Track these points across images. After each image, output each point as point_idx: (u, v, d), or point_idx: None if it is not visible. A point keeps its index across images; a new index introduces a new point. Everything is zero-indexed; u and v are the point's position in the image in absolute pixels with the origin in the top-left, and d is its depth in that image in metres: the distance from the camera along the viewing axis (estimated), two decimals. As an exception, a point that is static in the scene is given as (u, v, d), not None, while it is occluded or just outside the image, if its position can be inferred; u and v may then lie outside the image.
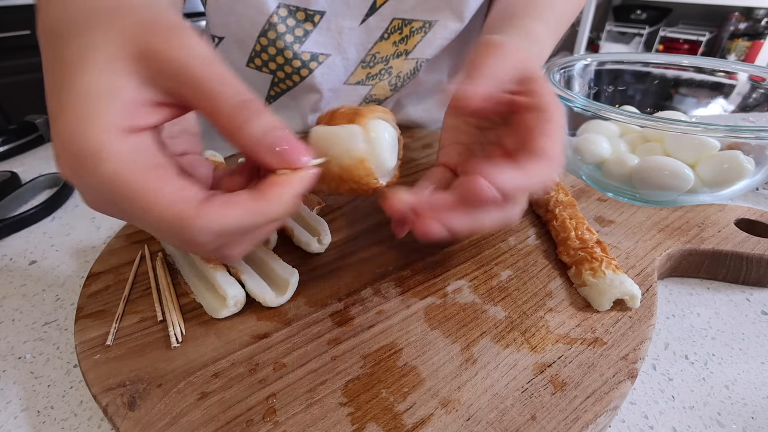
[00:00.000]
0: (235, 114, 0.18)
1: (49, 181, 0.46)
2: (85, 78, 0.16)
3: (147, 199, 0.17)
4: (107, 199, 0.18)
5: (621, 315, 0.25)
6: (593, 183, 0.41)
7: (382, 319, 0.26)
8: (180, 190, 0.18)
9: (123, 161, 0.16)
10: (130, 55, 0.17)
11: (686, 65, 0.46)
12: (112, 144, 0.16)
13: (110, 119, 0.16)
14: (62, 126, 0.16)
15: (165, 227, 0.18)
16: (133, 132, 0.17)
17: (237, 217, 0.18)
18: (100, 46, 0.17)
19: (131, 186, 0.17)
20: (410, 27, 0.46)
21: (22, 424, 0.24)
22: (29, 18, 0.46)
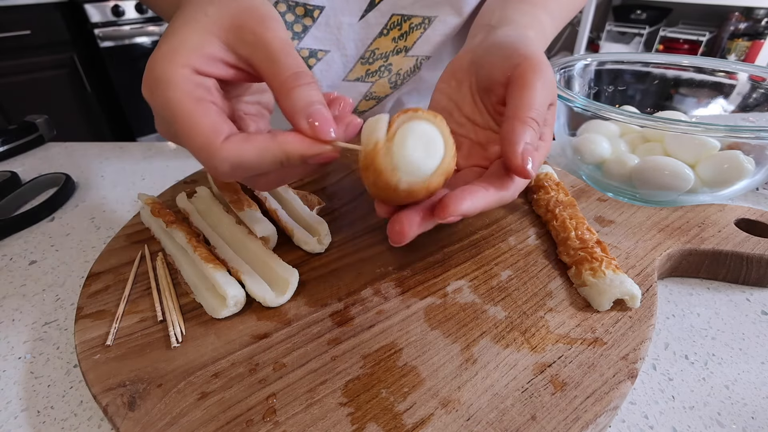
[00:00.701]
0: (290, 81, 0.22)
1: (49, 181, 0.47)
2: (186, 31, 0.22)
3: (188, 123, 0.21)
4: (165, 119, 0.22)
5: (621, 315, 0.25)
6: (593, 183, 0.41)
7: (382, 319, 0.26)
8: (215, 123, 0.21)
9: (182, 90, 0.21)
10: (227, 26, 0.23)
11: (686, 65, 0.46)
12: (179, 75, 0.21)
13: (186, 60, 0.22)
14: (154, 57, 0.22)
15: (197, 151, 0.21)
16: (200, 74, 0.22)
17: (249, 151, 0.21)
18: (209, 14, 0.23)
19: (181, 110, 0.21)
20: (409, 23, 0.46)
21: (22, 424, 0.24)
22: (29, 18, 0.46)
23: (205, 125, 0.21)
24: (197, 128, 0.21)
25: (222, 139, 0.21)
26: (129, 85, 2.08)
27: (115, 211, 0.42)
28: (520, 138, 0.24)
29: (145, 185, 0.47)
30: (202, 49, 0.22)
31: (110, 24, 1.95)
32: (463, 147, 0.31)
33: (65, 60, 1.90)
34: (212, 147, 0.21)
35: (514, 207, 0.36)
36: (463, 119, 0.31)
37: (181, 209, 0.35)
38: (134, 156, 0.54)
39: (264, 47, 0.22)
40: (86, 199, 0.45)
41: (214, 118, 0.21)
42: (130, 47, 2.02)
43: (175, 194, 0.37)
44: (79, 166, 0.51)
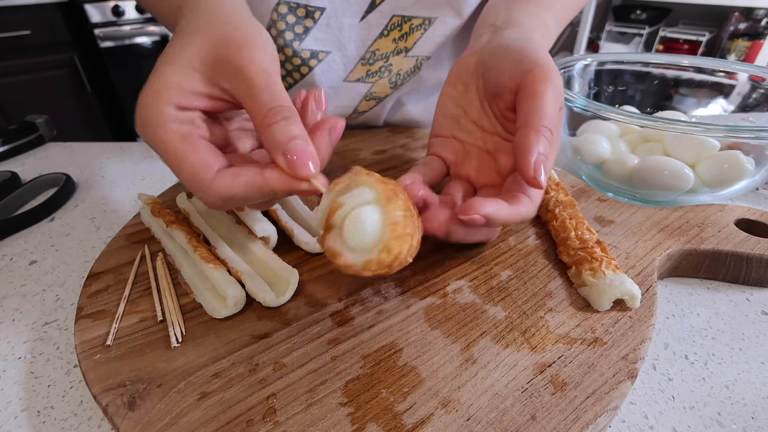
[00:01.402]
0: (268, 117, 0.22)
1: (49, 181, 0.47)
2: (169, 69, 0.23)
3: (178, 161, 0.22)
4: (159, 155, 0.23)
5: (621, 315, 0.25)
6: (593, 183, 0.41)
7: (382, 319, 0.26)
8: (204, 160, 0.23)
9: (168, 129, 0.22)
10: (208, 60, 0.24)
11: (686, 65, 0.46)
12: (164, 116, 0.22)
13: (168, 99, 0.23)
14: (141, 98, 0.23)
15: (190, 186, 0.23)
16: (184, 108, 0.23)
17: (239, 188, 0.23)
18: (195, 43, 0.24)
19: (170, 149, 0.22)
20: (410, 24, 0.46)
21: (22, 424, 0.24)
22: (29, 18, 0.46)
23: (194, 162, 0.22)
24: (187, 166, 0.22)
25: (212, 174, 0.22)
26: (129, 85, 2.08)
27: (115, 211, 0.42)
28: (534, 148, 0.24)
29: (145, 185, 0.47)
30: (183, 86, 0.23)
31: (110, 24, 1.95)
32: (473, 157, 0.31)
33: (65, 60, 1.91)
34: (203, 183, 0.22)
35: (514, 207, 0.36)
36: (471, 125, 0.31)
37: (181, 209, 0.35)
38: (134, 156, 0.54)
39: (243, 81, 0.23)
40: (86, 199, 0.45)
41: (202, 155, 0.23)
42: (130, 47, 2.02)
43: (175, 194, 0.37)
44: (79, 166, 0.51)
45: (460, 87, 0.32)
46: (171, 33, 0.33)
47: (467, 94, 0.32)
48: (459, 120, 0.32)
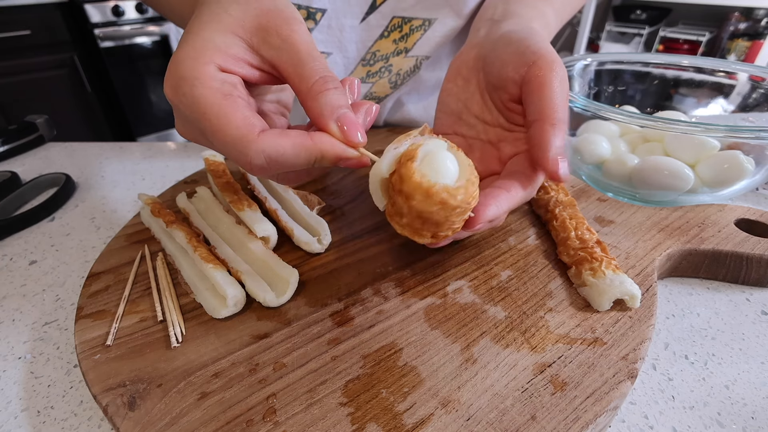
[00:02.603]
0: (317, 85, 0.22)
1: (49, 181, 0.47)
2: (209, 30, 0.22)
3: (219, 117, 0.21)
4: (191, 118, 0.22)
5: (621, 315, 0.25)
6: (593, 183, 0.41)
7: (382, 319, 0.26)
8: (247, 118, 0.21)
9: (209, 86, 0.21)
10: (251, 27, 0.23)
11: (686, 65, 0.46)
12: (205, 73, 0.21)
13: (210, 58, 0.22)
14: (177, 56, 0.22)
15: (230, 146, 0.21)
16: (225, 71, 0.22)
17: (286, 146, 0.21)
18: (232, 13, 0.23)
19: (210, 105, 0.21)
20: (410, 25, 0.46)
21: (22, 424, 0.24)
22: (29, 18, 0.46)
23: (237, 119, 0.21)
24: (229, 122, 0.21)
25: (256, 132, 0.21)
26: (129, 85, 2.08)
27: (115, 211, 0.42)
28: (552, 143, 0.24)
29: (145, 185, 0.47)
30: (226, 48, 0.22)
31: (110, 24, 1.95)
32: (476, 149, 0.31)
33: (65, 60, 1.90)
34: (246, 139, 0.21)
35: (514, 207, 0.36)
36: (473, 119, 0.31)
37: (181, 209, 0.35)
38: (134, 156, 0.54)
39: (289, 50, 0.22)
40: (86, 199, 0.45)
41: (245, 112, 0.21)
42: (130, 47, 2.02)
43: (175, 194, 0.37)
44: (79, 166, 0.51)
45: (460, 81, 0.32)
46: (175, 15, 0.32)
47: (468, 88, 0.31)
48: (461, 115, 0.32)
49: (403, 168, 0.22)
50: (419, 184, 0.21)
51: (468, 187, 0.22)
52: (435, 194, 0.21)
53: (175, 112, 0.23)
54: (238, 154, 0.21)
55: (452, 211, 0.21)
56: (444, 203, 0.21)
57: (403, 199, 0.22)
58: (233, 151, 0.21)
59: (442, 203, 0.21)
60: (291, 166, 0.22)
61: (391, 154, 0.23)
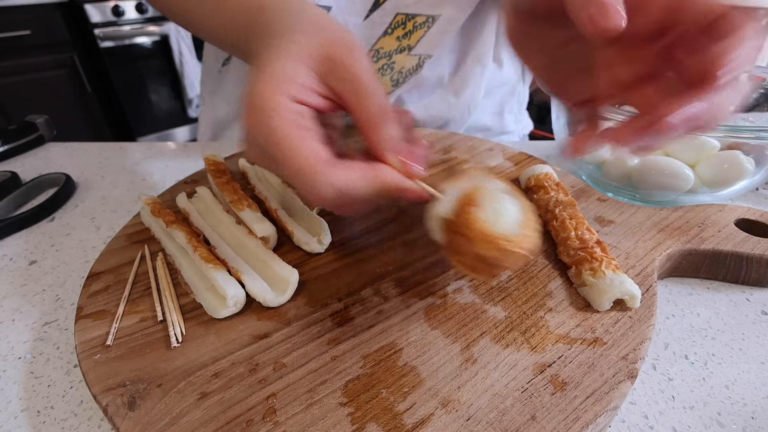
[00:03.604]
0: (379, 115, 0.24)
1: (49, 181, 0.47)
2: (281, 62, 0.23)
3: (292, 147, 0.22)
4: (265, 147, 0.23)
5: (621, 315, 0.25)
6: (593, 183, 0.41)
7: (382, 319, 0.26)
8: (318, 149, 0.22)
9: (285, 118, 0.22)
10: (316, 57, 0.24)
11: (686, 65, 0.46)
12: (282, 104, 0.22)
13: (286, 89, 0.23)
14: (254, 88, 0.23)
15: (300, 176, 0.22)
16: (298, 102, 0.23)
17: (354, 178, 0.22)
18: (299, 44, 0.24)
19: (284, 136, 0.22)
20: (413, 22, 0.46)
21: (22, 424, 0.24)
22: (29, 18, 0.46)
23: (310, 151, 0.22)
24: (302, 154, 0.22)
25: (326, 165, 0.22)
26: (129, 85, 2.08)
27: (115, 211, 0.42)
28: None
29: (145, 185, 0.47)
30: (298, 78, 0.23)
31: (110, 24, 1.95)
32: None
33: (65, 60, 1.90)
34: (316, 171, 0.22)
35: (514, 207, 0.36)
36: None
37: (181, 209, 0.35)
38: (134, 156, 0.54)
39: (352, 81, 0.24)
40: (86, 199, 0.45)
41: (317, 145, 0.23)
42: (130, 47, 2.02)
43: (175, 194, 0.37)
44: (79, 166, 0.51)
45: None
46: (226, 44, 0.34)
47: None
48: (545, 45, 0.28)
49: (464, 213, 0.22)
50: (480, 231, 0.21)
51: (528, 235, 0.22)
52: (495, 241, 0.21)
53: (249, 138, 0.24)
54: (307, 185, 0.22)
55: (511, 255, 0.22)
56: (504, 250, 0.21)
57: (463, 241, 0.22)
58: (303, 182, 0.22)
59: (502, 250, 0.21)
60: (357, 198, 0.23)
61: (452, 194, 0.24)
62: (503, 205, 0.22)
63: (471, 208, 0.22)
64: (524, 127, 0.68)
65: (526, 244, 0.21)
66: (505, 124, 0.64)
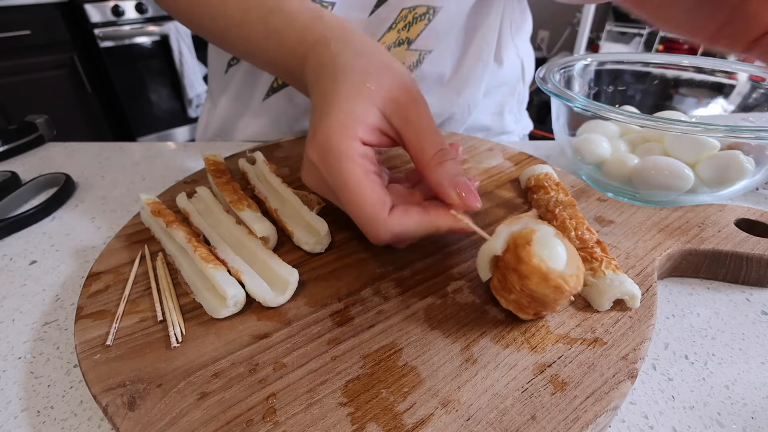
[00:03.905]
0: (437, 157, 0.26)
1: (49, 181, 0.47)
2: (351, 102, 0.25)
3: (359, 193, 0.24)
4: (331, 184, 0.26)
5: (621, 315, 0.25)
6: (593, 183, 0.41)
7: (382, 319, 0.26)
8: (381, 197, 0.25)
9: (355, 162, 0.24)
10: (385, 98, 0.26)
11: (686, 65, 0.46)
12: (352, 149, 0.24)
13: (356, 132, 0.25)
14: (326, 127, 0.25)
15: (363, 219, 0.25)
16: (365, 143, 0.25)
17: (410, 225, 0.25)
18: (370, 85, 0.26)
19: (353, 181, 0.24)
20: (414, 13, 0.46)
21: (22, 424, 0.24)
22: (29, 18, 0.46)
23: (374, 198, 0.24)
24: (367, 201, 0.24)
25: (387, 212, 0.25)
26: (129, 85, 2.09)
27: (115, 211, 0.42)
28: None
29: (145, 185, 0.47)
30: (366, 119, 0.25)
31: (110, 24, 1.95)
32: None
33: (65, 60, 1.91)
34: (379, 218, 0.25)
35: (513, 207, 0.36)
36: None
37: (181, 209, 0.35)
38: (134, 156, 0.54)
39: (415, 123, 0.26)
40: (86, 199, 0.45)
41: (379, 192, 0.25)
42: (130, 47, 2.02)
43: (175, 194, 0.37)
44: (79, 166, 0.51)
45: None
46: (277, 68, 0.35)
47: None
48: None
49: (521, 250, 0.23)
50: (538, 268, 0.22)
51: (579, 275, 0.23)
52: (552, 279, 0.22)
53: (312, 169, 0.27)
54: (369, 228, 0.25)
55: (561, 294, 0.23)
56: (558, 288, 0.22)
57: (517, 278, 0.23)
58: (365, 225, 0.25)
59: (556, 288, 0.22)
60: (411, 239, 0.27)
61: (504, 233, 0.25)
62: (555, 245, 0.24)
63: (528, 247, 0.23)
64: (524, 127, 0.68)
65: (575, 283, 0.23)
66: (505, 124, 0.64)
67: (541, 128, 1.28)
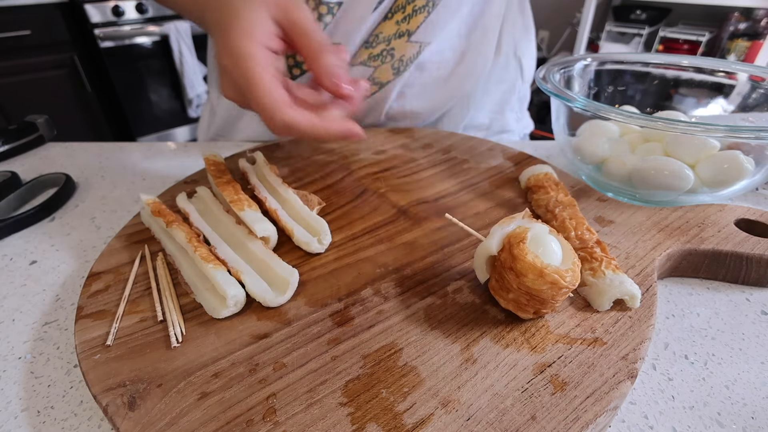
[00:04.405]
0: (318, 50, 0.31)
1: (49, 181, 0.46)
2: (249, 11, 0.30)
3: (259, 86, 0.28)
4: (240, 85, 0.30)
5: (621, 315, 0.25)
6: (593, 183, 0.41)
7: (382, 319, 0.26)
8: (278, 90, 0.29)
9: (259, 62, 0.29)
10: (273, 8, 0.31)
11: (686, 65, 0.46)
12: (258, 52, 0.29)
13: (259, 38, 0.30)
14: (231, 37, 0.29)
15: (264, 110, 0.29)
16: (267, 48, 0.30)
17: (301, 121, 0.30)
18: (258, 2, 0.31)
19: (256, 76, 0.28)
20: (413, 5, 0.48)
21: (22, 424, 0.24)
22: (29, 18, 0.46)
23: (272, 92, 0.29)
24: (267, 92, 0.29)
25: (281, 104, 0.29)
26: (129, 85, 2.08)
27: (115, 211, 0.42)
28: None
29: (145, 185, 0.47)
30: (266, 26, 0.30)
31: (110, 24, 1.94)
32: None
33: (65, 60, 1.90)
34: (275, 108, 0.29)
35: (513, 207, 0.36)
36: None
37: (181, 209, 0.35)
38: (134, 156, 0.54)
39: (300, 25, 0.31)
40: (86, 199, 0.45)
41: (277, 87, 0.29)
42: (130, 47, 2.02)
43: (175, 194, 0.37)
44: (79, 166, 0.51)
45: None
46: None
47: None
48: None
49: (516, 248, 0.24)
50: (533, 264, 0.23)
51: (575, 270, 0.23)
52: (547, 275, 0.22)
53: (226, 77, 0.31)
54: (264, 116, 0.29)
55: (559, 290, 0.23)
56: (554, 283, 0.23)
57: (514, 276, 0.24)
58: (262, 113, 0.29)
59: (552, 283, 0.23)
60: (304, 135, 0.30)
61: (498, 233, 0.25)
62: (549, 242, 0.24)
63: (522, 245, 0.23)
64: (525, 126, 0.68)
65: (571, 278, 0.23)
66: (506, 123, 0.64)
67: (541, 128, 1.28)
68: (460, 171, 0.42)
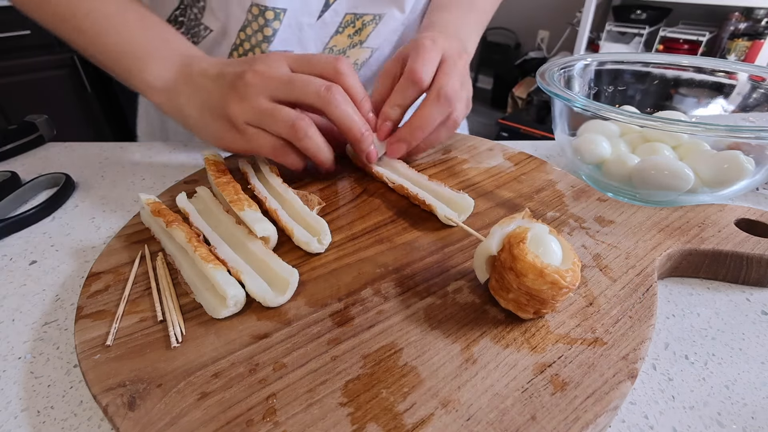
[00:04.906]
0: None
1: (49, 181, 0.46)
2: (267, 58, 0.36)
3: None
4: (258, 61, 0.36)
5: (621, 315, 0.25)
6: (593, 183, 0.41)
7: (382, 319, 0.26)
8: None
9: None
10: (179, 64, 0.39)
11: (686, 65, 0.46)
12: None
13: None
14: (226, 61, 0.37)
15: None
16: None
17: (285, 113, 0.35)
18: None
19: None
20: (362, 20, 0.52)
21: (22, 424, 0.24)
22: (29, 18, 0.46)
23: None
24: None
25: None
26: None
27: (115, 211, 0.42)
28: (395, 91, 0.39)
29: (145, 185, 0.47)
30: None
31: (110, 24, 1.94)
32: None
33: (65, 60, 1.90)
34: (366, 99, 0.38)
35: (513, 207, 0.36)
36: None
37: (181, 209, 0.35)
38: (134, 156, 0.54)
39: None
40: (86, 199, 0.45)
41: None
42: (130, 47, 2.02)
43: (175, 194, 0.37)
44: (79, 166, 0.51)
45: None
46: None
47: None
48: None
49: (515, 248, 0.23)
50: (533, 264, 0.23)
51: (575, 269, 0.23)
52: (547, 275, 0.22)
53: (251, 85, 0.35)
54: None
55: (559, 290, 0.23)
56: (555, 283, 0.23)
57: (514, 276, 0.24)
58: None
59: (553, 283, 0.23)
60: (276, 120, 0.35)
61: (498, 233, 0.25)
62: (549, 242, 0.24)
63: (522, 245, 0.23)
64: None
65: (571, 278, 0.23)
66: None
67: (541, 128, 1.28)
68: (460, 171, 0.42)
